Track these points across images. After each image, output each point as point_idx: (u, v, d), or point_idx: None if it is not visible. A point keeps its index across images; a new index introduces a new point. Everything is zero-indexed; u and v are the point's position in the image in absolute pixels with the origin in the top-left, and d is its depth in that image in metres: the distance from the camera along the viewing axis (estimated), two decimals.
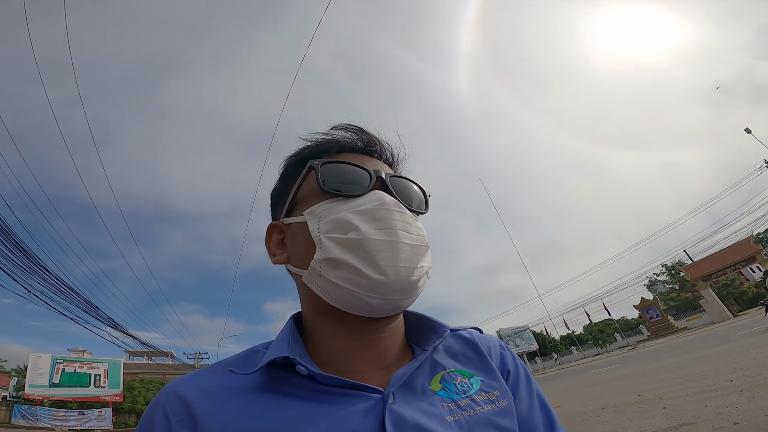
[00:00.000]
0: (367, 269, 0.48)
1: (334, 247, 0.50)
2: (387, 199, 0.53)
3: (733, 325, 21.44)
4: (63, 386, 29.23)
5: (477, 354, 0.60)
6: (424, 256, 0.54)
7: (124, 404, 31.83)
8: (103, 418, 28.79)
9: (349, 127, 0.62)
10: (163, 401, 0.48)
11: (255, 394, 0.48)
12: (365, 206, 0.52)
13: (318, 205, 0.54)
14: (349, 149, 0.60)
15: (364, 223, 0.50)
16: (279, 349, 0.50)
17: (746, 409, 4.23)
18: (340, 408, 0.45)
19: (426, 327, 0.60)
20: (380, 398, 0.47)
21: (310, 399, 0.47)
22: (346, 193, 0.54)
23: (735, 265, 34.83)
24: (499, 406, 0.52)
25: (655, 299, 40.33)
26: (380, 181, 0.56)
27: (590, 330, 48.00)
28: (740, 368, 6.75)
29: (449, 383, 0.53)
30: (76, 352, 35.77)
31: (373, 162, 0.60)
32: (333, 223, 0.51)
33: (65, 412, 27.60)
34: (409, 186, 0.60)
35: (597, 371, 16.53)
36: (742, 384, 5.48)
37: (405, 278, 0.50)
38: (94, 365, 31.86)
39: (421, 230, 0.55)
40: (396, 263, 0.49)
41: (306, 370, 0.47)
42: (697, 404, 5.09)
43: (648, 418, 5.06)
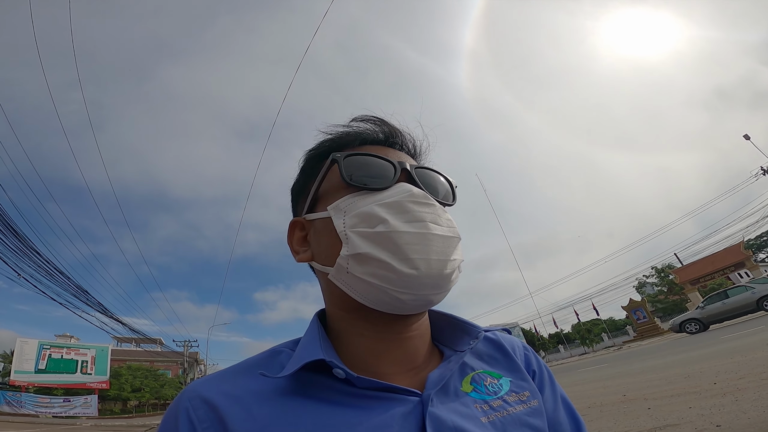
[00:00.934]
0: (398, 263, 0.46)
1: (362, 242, 0.48)
2: (414, 190, 0.51)
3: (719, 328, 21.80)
4: (49, 372, 28.97)
5: (503, 355, 0.59)
6: (456, 248, 0.52)
7: (110, 391, 31.68)
8: (88, 405, 28.65)
9: (370, 119, 0.60)
10: (186, 406, 0.45)
11: (287, 398, 0.45)
12: (392, 198, 0.50)
13: (342, 199, 0.52)
14: (371, 141, 0.59)
15: (392, 216, 0.48)
16: (311, 351, 0.47)
17: (729, 412, 4.31)
18: (379, 413, 0.44)
19: (455, 327, 0.59)
20: (418, 401, 0.45)
21: (346, 404, 0.45)
22: (371, 186, 0.52)
23: (723, 270, 35.35)
24: (530, 407, 0.52)
25: (643, 301, 40.83)
26: (405, 173, 0.54)
27: (578, 329, 48.60)
28: (724, 371, 6.87)
29: (480, 384, 0.53)
30: (64, 337, 35.32)
31: (396, 154, 0.58)
32: (359, 217, 0.49)
33: (50, 398, 27.41)
34: (436, 177, 0.58)
35: (583, 370, 16.75)
36: (725, 386, 5.58)
37: (438, 272, 0.48)
38: (81, 351, 31.57)
39: (451, 221, 0.53)
40: (428, 256, 0.47)
41: (344, 374, 0.45)
42: (681, 405, 5.18)
43: (633, 418, 5.13)
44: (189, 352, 42.83)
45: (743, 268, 34.07)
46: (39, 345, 29.41)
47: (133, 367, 35.39)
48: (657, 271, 42.07)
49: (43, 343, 29.96)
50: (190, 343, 42.94)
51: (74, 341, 34.17)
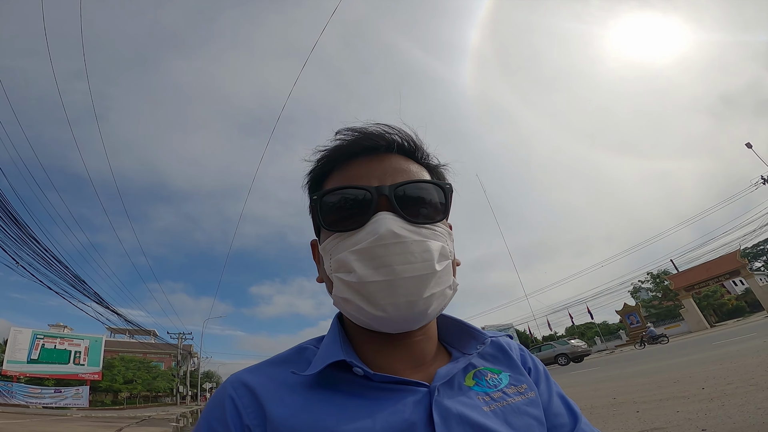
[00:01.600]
0: (369, 308, 0.51)
1: (342, 287, 0.53)
2: (382, 230, 0.51)
3: (710, 335, 21.95)
4: (41, 363, 28.62)
5: (503, 353, 0.65)
6: (433, 282, 0.52)
7: (102, 383, 31.39)
8: (79, 396, 28.36)
9: (350, 133, 0.60)
10: (231, 393, 0.52)
11: (315, 390, 0.52)
12: (361, 244, 0.52)
13: (328, 240, 0.56)
14: (357, 155, 0.59)
15: (360, 265, 0.51)
16: (333, 351, 0.54)
17: (715, 416, 4.38)
18: (393, 402, 0.50)
19: (463, 332, 0.65)
20: (427, 392, 0.51)
21: (365, 395, 0.51)
22: (345, 228, 0.54)
23: (718, 278, 35.44)
24: (528, 398, 0.57)
25: (637, 306, 41.06)
26: (384, 199, 0.54)
27: (572, 332, 48.78)
28: (712, 376, 6.96)
29: (481, 379, 0.58)
30: (57, 327, 34.94)
31: (384, 164, 0.58)
32: (338, 262, 0.54)
33: (41, 389, 27.11)
34: (421, 190, 0.57)
35: (575, 373, 16.84)
36: (713, 392, 5.66)
37: (406, 312, 0.51)
38: (75, 342, 31.24)
39: (428, 253, 0.52)
40: (395, 300, 0.50)
41: (362, 371, 0.52)
42: (669, 409, 5.25)
43: (622, 421, 5.20)
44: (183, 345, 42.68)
45: (738, 276, 34.13)
46: (32, 334, 29.00)
47: (126, 359, 35.02)
48: (652, 276, 42.17)
49: (36, 332, 29.53)
50: (184, 336, 42.71)
51: (68, 331, 33.79)
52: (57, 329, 33.85)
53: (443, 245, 0.55)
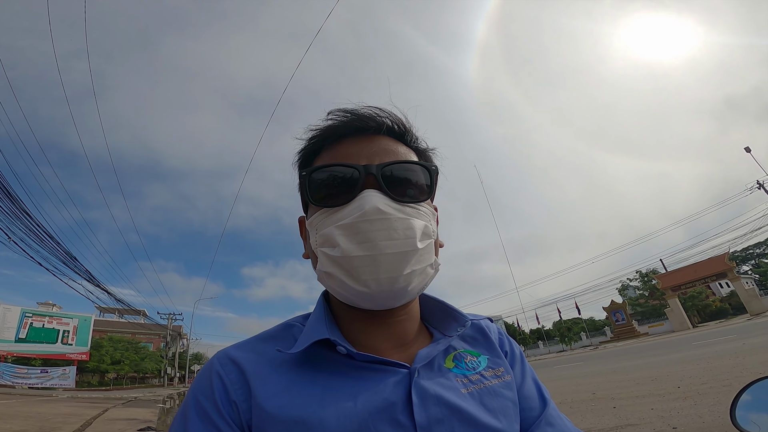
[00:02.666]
0: (352, 282, 0.53)
1: (326, 261, 0.55)
2: (367, 207, 0.53)
3: (691, 335, 22.41)
4: (29, 342, 28.31)
5: (483, 336, 0.68)
6: (414, 259, 0.54)
7: (89, 363, 31.26)
8: (66, 377, 28.22)
9: (341, 113, 0.61)
10: (218, 369, 0.54)
11: (300, 368, 0.54)
12: (347, 219, 0.53)
13: (315, 215, 0.58)
14: (347, 135, 0.60)
15: (345, 239, 0.53)
16: (318, 330, 0.56)
17: (687, 415, 4.54)
18: (374, 382, 0.52)
19: (445, 313, 0.66)
20: (407, 373, 0.54)
21: (348, 374, 0.53)
22: (332, 203, 0.56)
23: (705, 279, 35.96)
24: (504, 381, 0.60)
25: (623, 303, 41.68)
26: (371, 177, 0.55)
27: (559, 327, 49.53)
28: (689, 376, 7.16)
29: (461, 361, 0.61)
30: (46, 305, 34.56)
31: (373, 145, 0.59)
32: (323, 237, 0.55)
33: (28, 369, 26.90)
34: (408, 171, 0.58)
35: (559, 367, 17.17)
36: (687, 391, 5.84)
37: (388, 287, 0.53)
38: (63, 321, 30.84)
39: (410, 230, 0.54)
40: (377, 276, 0.52)
41: (345, 350, 0.53)
42: (644, 406, 5.42)
43: (598, 416, 5.36)
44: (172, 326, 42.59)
45: (725, 278, 34.67)
46: (21, 312, 28.68)
47: (115, 339, 34.81)
48: (641, 275, 42.76)
49: (25, 310, 29.14)
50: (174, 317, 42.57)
51: (56, 310, 33.48)
52: (46, 307, 33.56)
53: (426, 224, 0.57)
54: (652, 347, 17.72)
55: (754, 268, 46.79)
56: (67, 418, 9.53)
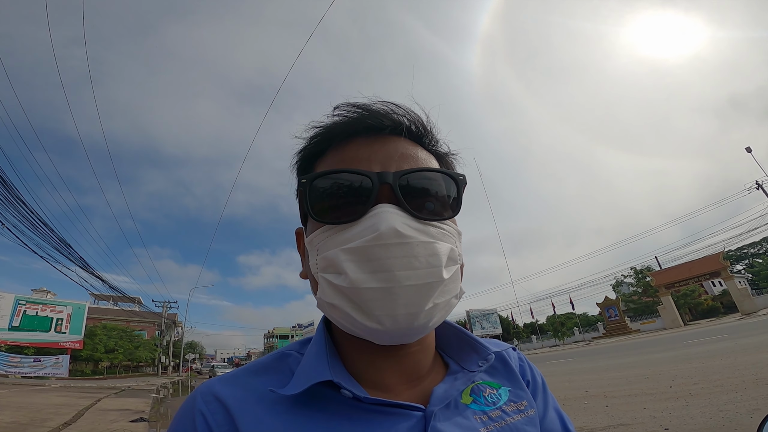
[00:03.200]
0: (362, 318, 0.43)
1: (330, 291, 0.45)
2: (383, 228, 0.43)
3: (682, 333, 22.63)
4: (23, 330, 28.07)
5: (503, 365, 0.59)
6: (438, 291, 0.45)
7: (83, 352, 31.11)
8: (59, 366, 27.92)
9: (353, 109, 0.51)
10: (202, 408, 0.46)
11: (298, 410, 0.45)
12: (356, 242, 0.44)
13: (316, 233, 0.48)
14: (358, 134, 0.50)
15: (354, 267, 0.43)
16: (319, 368, 0.47)
17: (678, 416, 4.55)
18: (385, 428, 0.44)
19: (465, 343, 0.57)
20: (422, 416, 0.46)
21: (354, 418, 0.45)
22: (338, 220, 0.46)
23: (699, 278, 36.24)
24: (527, 416, 0.52)
25: (617, 299, 42.07)
26: (387, 188, 0.46)
27: (552, 321, 49.89)
28: (681, 375, 7.21)
29: (479, 396, 0.52)
30: (40, 292, 34.41)
31: (388, 147, 0.50)
32: (326, 261, 0.46)
33: (21, 358, 26.59)
34: (430, 181, 0.48)
35: (552, 362, 17.29)
36: (679, 391, 5.87)
37: (406, 326, 0.43)
38: (57, 308, 30.68)
39: (435, 257, 0.44)
40: (394, 312, 0.42)
41: (351, 394, 0.45)
42: (636, 406, 5.44)
43: (591, 415, 5.38)
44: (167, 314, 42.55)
45: (718, 277, 34.92)
46: (15, 300, 28.33)
47: (109, 327, 34.59)
48: (635, 272, 43.02)
49: (19, 298, 28.78)
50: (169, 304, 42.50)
51: (50, 297, 33.31)
52: (40, 294, 33.40)
53: (452, 248, 0.47)
54: (644, 344, 17.88)
55: (747, 267, 47.27)
56: (59, 409, 9.51)
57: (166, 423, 8.77)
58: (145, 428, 7.45)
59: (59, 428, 6.95)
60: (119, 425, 7.55)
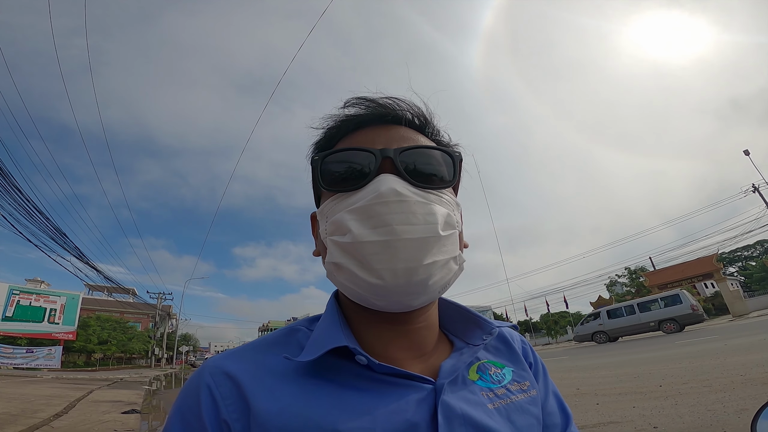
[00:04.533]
0: (364, 274, 0.46)
1: (336, 251, 0.49)
2: (383, 188, 0.47)
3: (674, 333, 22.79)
4: (16, 320, 27.96)
5: (506, 347, 0.62)
6: (435, 247, 0.47)
7: (76, 343, 31.04)
8: (51, 357, 27.89)
9: (360, 102, 0.56)
10: (209, 381, 0.47)
11: (309, 380, 0.47)
12: (360, 203, 0.48)
13: (326, 203, 0.52)
14: (364, 124, 0.55)
15: (357, 224, 0.47)
16: (334, 336, 0.49)
17: (667, 415, 4.59)
18: (395, 398, 0.46)
19: (468, 320, 0.60)
20: (432, 389, 0.48)
21: (364, 388, 0.47)
22: (345, 188, 0.51)
23: (691, 279, 36.57)
24: (530, 396, 0.55)
25: (610, 299, 42.39)
26: (388, 161, 0.50)
27: (546, 319, 50.21)
28: (671, 374, 7.26)
29: (485, 373, 0.55)
30: (34, 282, 34.24)
31: (391, 133, 0.54)
32: (334, 224, 0.50)
33: (13, 348, 26.54)
34: (428, 156, 0.53)
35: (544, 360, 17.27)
36: (669, 390, 5.92)
37: (405, 280, 0.46)
38: (51, 299, 30.52)
39: (431, 215, 0.48)
40: (393, 265, 0.45)
41: (365, 360, 0.47)
42: (626, 404, 5.49)
43: (582, 412, 5.41)
44: (162, 305, 42.37)
45: (711, 279, 35.26)
46: (9, 290, 28.25)
47: (102, 318, 34.60)
48: (629, 272, 43.40)
49: (13, 287, 28.73)
50: (164, 296, 42.31)
51: (44, 287, 33.09)
52: (34, 284, 33.22)
53: (449, 213, 0.51)
54: (635, 343, 18.02)
55: (740, 270, 47.67)
56: (50, 400, 9.48)
57: (158, 415, 8.76)
58: (137, 420, 7.43)
59: (50, 419, 6.93)
60: (111, 416, 7.54)
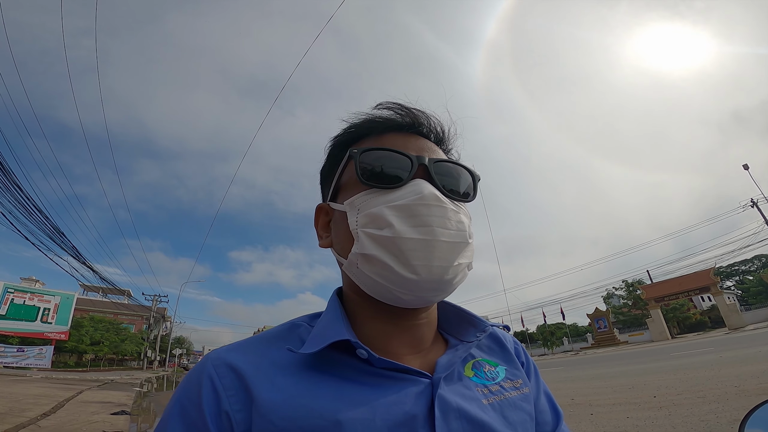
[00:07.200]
0: (400, 268, 0.49)
1: (370, 243, 0.50)
2: (426, 192, 0.51)
3: (670, 345, 22.78)
4: (8, 319, 27.64)
5: (500, 346, 0.64)
6: (463, 252, 0.53)
7: (68, 343, 30.64)
8: (42, 356, 27.55)
9: (393, 106, 0.60)
10: (211, 372, 0.47)
11: (309, 373, 0.48)
12: (402, 201, 0.51)
13: (357, 196, 0.54)
14: (394, 128, 0.59)
15: (399, 220, 0.50)
16: (337, 330, 0.50)
17: (661, 425, 4.57)
18: (394, 391, 0.48)
19: (463, 319, 0.63)
20: (429, 383, 0.50)
21: (364, 381, 0.48)
22: (384, 184, 0.53)
23: (688, 292, 36.56)
24: (522, 393, 0.57)
25: (607, 311, 42.37)
26: (423, 168, 0.54)
27: (542, 330, 50.08)
28: (665, 386, 7.24)
29: (480, 370, 0.57)
30: (29, 281, 33.84)
31: (419, 142, 0.58)
32: (369, 217, 0.51)
33: (4, 347, 26.27)
34: (456, 170, 0.57)
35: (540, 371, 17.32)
36: (663, 400, 5.90)
37: (438, 277, 0.50)
38: (45, 298, 30.20)
39: (462, 224, 0.53)
40: (429, 262, 0.49)
41: (366, 354, 0.48)
42: (620, 414, 5.46)
43: (576, 423, 5.38)
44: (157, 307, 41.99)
45: (708, 292, 35.24)
46: (3, 288, 27.92)
47: (96, 319, 34.13)
48: (627, 284, 43.33)
49: (8, 285, 28.35)
50: (159, 298, 41.93)
51: (39, 286, 32.74)
52: (29, 283, 32.83)
53: (470, 224, 0.56)
54: (631, 355, 17.98)
55: (737, 284, 47.72)
56: (38, 399, 9.37)
57: (148, 417, 8.66)
58: (126, 421, 7.34)
59: (38, 418, 6.84)
60: (100, 417, 7.45)
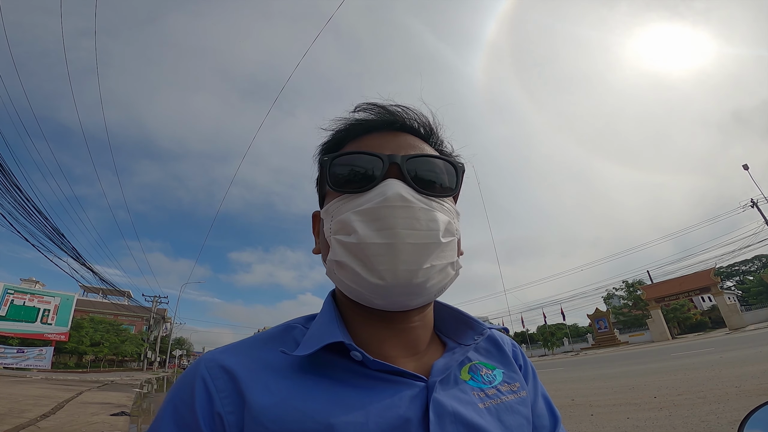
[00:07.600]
0: (366, 274, 0.48)
1: (340, 250, 0.50)
2: (389, 193, 0.49)
3: (670, 346, 22.77)
4: (8, 320, 27.61)
5: (497, 349, 0.64)
6: (436, 253, 0.50)
7: (68, 344, 30.59)
8: (42, 357, 27.59)
9: (371, 107, 0.58)
10: (204, 374, 0.47)
11: (304, 375, 0.48)
12: (367, 205, 0.50)
13: (332, 202, 0.54)
14: (373, 129, 0.58)
15: (363, 225, 0.49)
16: (331, 332, 0.50)
17: (661, 426, 4.56)
18: (388, 394, 0.47)
19: (460, 321, 0.62)
20: (424, 386, 0.49)
21: (359, 384, 0.48)
22: (354, 189, 0.52)
23: (689, 293, 36.49)
24: (520, 397, 0.56)
25: (607, 311, 42.32)
26: (395, 167, 0.52)
27: (543, 331, 50.04)
28: (666, 386, 7.23)
29: (476, 374, 0.56)
30: (29, 282, 33.87)
31: (399, 140, 0.57)
32: (339, 224, 0.51)
33: (4, 348, 26.29)
34: (433, 165, 0.55)
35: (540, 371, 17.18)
36: (663, 401, 5.88)
37: (406, 281, 0.48)
38: (45, 299, 30.18)
39: (434, 222, 0.50)
40: (395, 267, 0.47)
41: (360, 356, 0.48)
42: (620, 415, 5.44)
43: (576, 423, 5.37)
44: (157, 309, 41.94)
45: (708, 293, 35.21)
46: (3, 289, 27.95)
47: (96, 320, 34.15)
48: (627, 285, 43.27)
49: (8, 287, 28.40)
50: (159, 299, 41.87)
51: (39, 287, 32.77)
52: (29, 284, 32.86)
53: (450, 221, 0.53)
54: (631, 356, 17.96)
55: (738, 284, 47.68)
56: (38, 400, 9.36)
57: (147, 418, 8.64)
58: (125, 422, 7.33)
59: (37, 419, 6.83)
60: (99, 418, 7.44)
